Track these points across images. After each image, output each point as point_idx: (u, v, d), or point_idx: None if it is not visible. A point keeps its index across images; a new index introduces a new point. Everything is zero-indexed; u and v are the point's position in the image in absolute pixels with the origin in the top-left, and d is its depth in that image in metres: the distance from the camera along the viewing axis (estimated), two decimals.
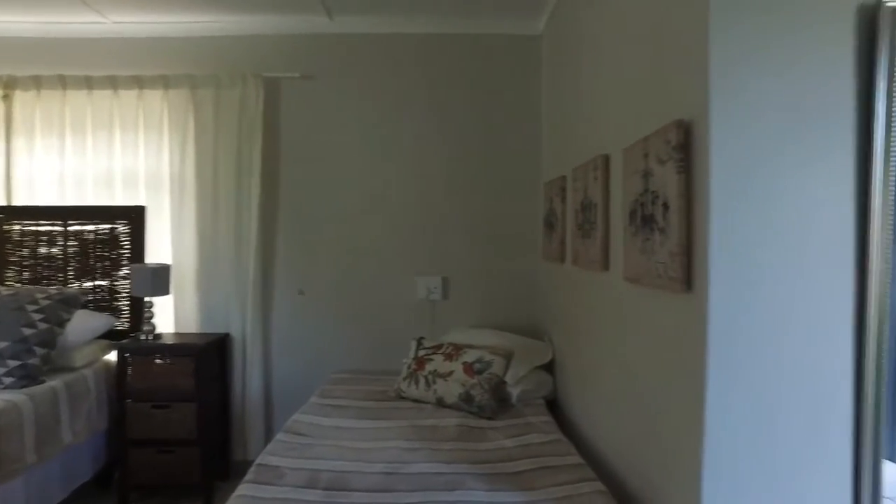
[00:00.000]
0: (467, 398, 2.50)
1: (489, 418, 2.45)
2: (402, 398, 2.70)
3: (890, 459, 1.63)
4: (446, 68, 3.37)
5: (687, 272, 1.39)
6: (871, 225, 1.33)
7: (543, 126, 3.34)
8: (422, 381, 2.66)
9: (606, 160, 2.07)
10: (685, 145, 1.40)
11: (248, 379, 3.26)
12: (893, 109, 1.33)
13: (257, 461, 1.98)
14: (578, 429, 2.45)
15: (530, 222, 3.37)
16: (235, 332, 3.26)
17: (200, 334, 3.22)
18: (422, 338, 2.92)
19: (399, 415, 2.47)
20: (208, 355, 3.04)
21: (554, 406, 2.80)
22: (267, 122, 3.28)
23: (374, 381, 2.96)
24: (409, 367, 2.77)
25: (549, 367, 2.91)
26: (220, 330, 3.26)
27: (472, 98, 3.37)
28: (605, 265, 2.06)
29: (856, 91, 1.35)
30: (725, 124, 1.32)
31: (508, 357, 2.66)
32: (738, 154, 1.32)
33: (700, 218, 1.36)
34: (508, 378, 2.65)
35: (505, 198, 3.37)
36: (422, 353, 2.80)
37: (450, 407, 2.55)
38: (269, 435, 3.18)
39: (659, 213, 1.51)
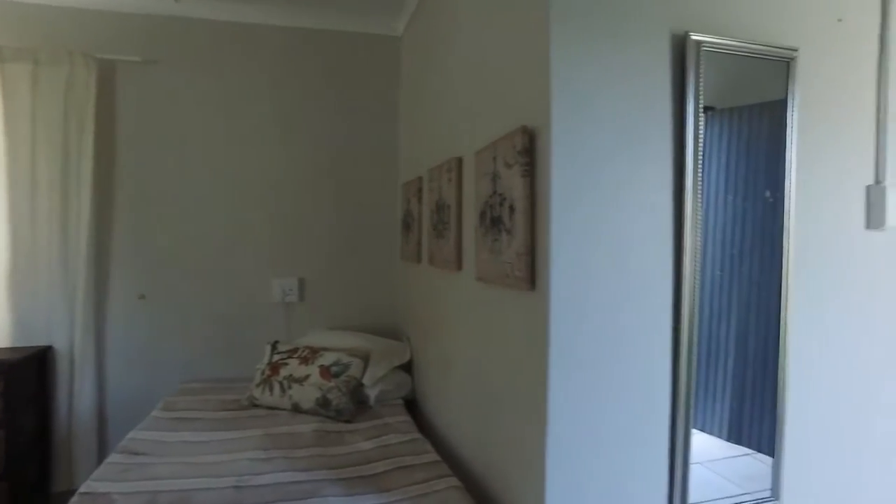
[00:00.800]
0: (324, 402, 2.45)
1: (347, 421, 2.41)
2: (256, 406, 2.57)
3: (700, 429, 1.87)
4: (303, 63, 3.26)
5: (531, 271, 1.47)
6: (685, 228, 1.50)
7: (402, 127, 3.36)
8: (276, 386, 2.55)
9: (460, 162, 2.13)
10: (530, 150, 1.48)
11: (76, 398, 2.88)
12: (700, 127, 1.52)
13: (80, 490, 1.77)
14: (436, 426, 2.50)
15: (388, 223, 3.38)
16: (60, 345, 2.88)
17: (13, 349, 2.80)
18: (277, 342, 2.80)
19: (252, 424, 2.35)
20: (22, 373, 2.65)
21: (413, 405, 2.83)
22: (102, 107, 2.94)
23: (225, 390, 2.79)
24: (262, 372, 2.64)
25: (408, 367, 2.94)
26: (40, 342, 2.87)
27: (330, 95, 3.30)
28: (459, 265, 2.12)
29: (672, 109, 1.52)
30: (566, 132, 1.42)
31: (366, 358, 2.64)
32: (577, 160, 1.43)
33: (542, 220, 1.44)
34: (366, 380, 2.63)
35: (363, 198, 3.35)
36: (276, 357, 2.68)
37: (306, 412, 2.47)
38: (103, 459, 2.85)
39: (506, 215, 1.58)
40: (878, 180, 1.80)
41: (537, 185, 1.47)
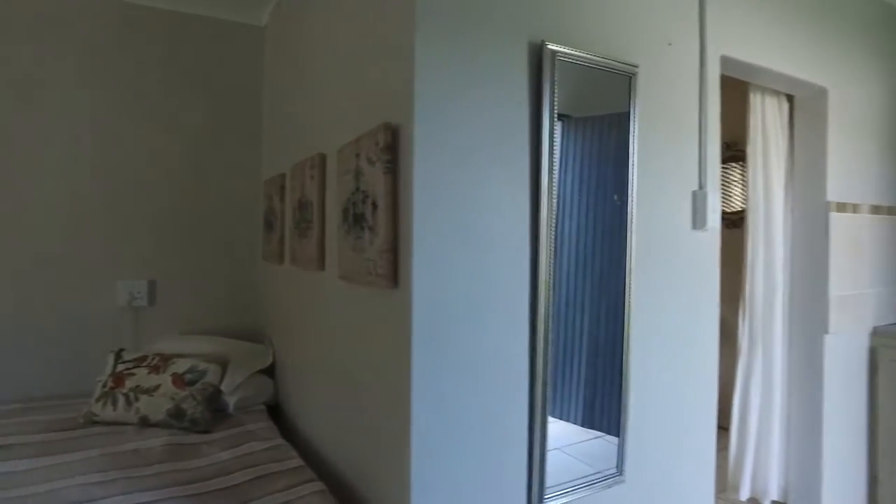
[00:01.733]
0: (177, 413, 2.26)
1: (204, 432, 2.25)
2: (96, 423, 2.31)
3: (558, 418, 1.99)
4: (155, 48, 3.00)
5: (394, 269, 1.47)
6: (541, 227, 1.58)
7: (265, 122, 3.22)
8: (121, 399, 2.32)
9: (323, 159, 2.08)
10: (392, 147, 1.48)
11: None
12: (555, 132, 1.62)
13: None
14: (301, 430, 2.42)
15: (250, 221, 3.22)
16: None
17: None
18: (122, 350, 2.55)
19: (90, 444, 2.10)
20: None
21: (276, 410, 2.72)
22: None
23: (58, 408, 2.47)
24: (104, 385, 2.38)
25: (271, 371, 2.82)
26: None
27: (186, 85, 3.06)
28: (321, 264, 2.07)
29: (530, 113, 1.60)
30: (429, 130, 1.43)
31: (225, 364, 2.49)
32: (439, 158, 1.44)
33: (405, 217, 1.44)
34: (225, 386, 2.48)
35: (223, 195, 3.15)
36: (121, 367, 2.44)
37: (156, 425, 2.27)
38: None
39: (369, 213, 1.57)
40: (701, 186, 2.03)
41: (400, 182, 1.48)
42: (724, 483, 2.78)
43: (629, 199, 1.80)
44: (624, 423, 1.84)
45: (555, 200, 1.62)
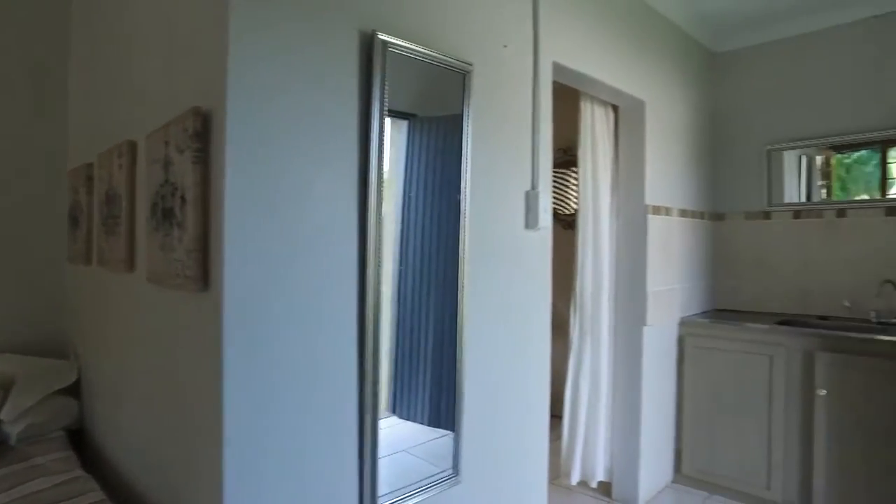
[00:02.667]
0: None
1: None
2: None
3: (406, 419, 1.93)
4: None
5: (203, 270, 1.31)
6: (369, 225, 1.51)
7: (71, 104, 2.79)
8: None
9: (133, 146, 1.82)
10: (202, 135, 1.32)
11: None
12: (385, 127, 1.55)
13: None
14: (108, 457, 2.11)
15: (51, 217, 2.77)
16: None
17: None
18: None
19: None
20: None
21: (81, 435, 2.35)
22: None
23: None
24: None
25: (76, 390, 2.44)
26: None
27: None
28: (131, 265, 1.82)
29: (360, 105, 1.52)
30: (244, 117, 1.29)
31: (7, 386, 2.09)
32: (258, 149, 1.31)
33: (216, 212, 1.29)
34: (5, 414, 2.08)
35: (16, 188, 2.67)
36: None
37: None
38: None
39: (178, 207, 1.38)
40: (534, 187, 2.10)
41: (211, 173, 1.32)
42: (558, 470, 2.93)
43: (463, 199, 1.80)
44: (459, 422, 1.83)
45: (382, 196, 1.54)
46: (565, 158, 3.98)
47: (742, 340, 2.93)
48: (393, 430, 1.90)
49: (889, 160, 3.02)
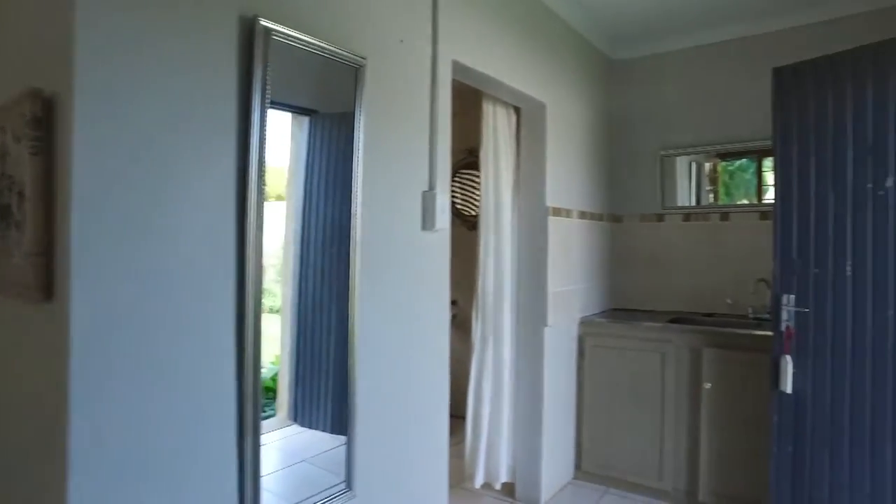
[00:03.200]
0: None
1: None
2: None
3: (309, 427, 1.81)
4: None
5: (46, 278, 1.14)
6: (248, 226, 1.39)
7: None
8: None
9: None
10: (44, 122, 1.15)
11: None
12: (266, 122, 1.43)
13: None
14: None
15: None
16: None
17: None
18: None
19: None
20: None
21: None
22: None
23: None
24: None
25: None
26: None
27: None
28: None
29: (238, 95, 1.40)
30: (97, 104, 1.14)
31: None
32: (113, 141, 1.16)
33: (62, 212, 1.13)
34: None
35: None
36: None
37: None
38: None
39: (15, 205, 1.21)
40: (431, 187, 2.05)
41: (56, 167, 1.15)
42: (462, 474, 2.91)
43: (353, 199, 1.71)
44: (351, 431, 1.75)
45: (263, 196, 1.43)
46: (471, 159, 3.98)
47: (637, 338, 3.05)
48: (294, 439, 1.83)
49: (764, 168, 3.26)
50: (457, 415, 2.23)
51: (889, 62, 2.03)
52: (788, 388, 2.24)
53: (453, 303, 4.15)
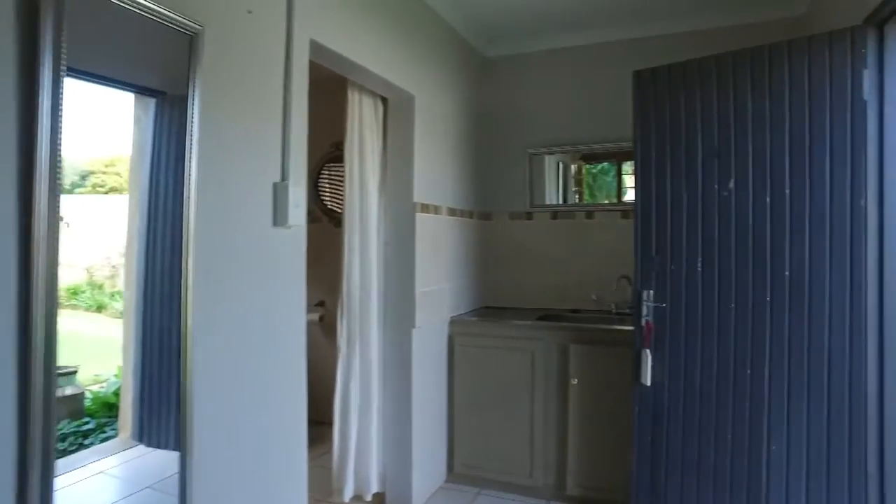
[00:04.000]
0: None
1: None
2: None
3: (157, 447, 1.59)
4: None
5: None
6: (35, 217, 1.11)
7: None
8: None
9: None
10: None
11: None
12: (60, 97, 1.16)
13: None
14: None
15: None
16: None
17: None
18: None
19: None
20: None
21: None
22: None
23: None
24: None
25: None
26: None
27: None
28: None
29: (18, 53, 1.11)
30: None
31: None
32: None
33: None
34: None
35: None
36: None
37: None
38: None
39: None
40: (284, 178, 1.84)
41: None
42: (330, 487, 2.71)
43: (185, 189, 1.47)
44: (186, 451, 1.51)
45: (57, 186, 1.16)
46: (339, 153, 3.77)
47: (506, 337, 3.03)
48: (137, 462, 1.62)
49: (624, 172, 3.41)
50: (326, 422, 2.04)
51: (729, 72, 2.15)
52: (648, 381, 2.31)
53: (321, 304, 3.94)
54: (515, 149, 3.58)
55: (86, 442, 1.57)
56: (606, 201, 3.47)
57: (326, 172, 4.05)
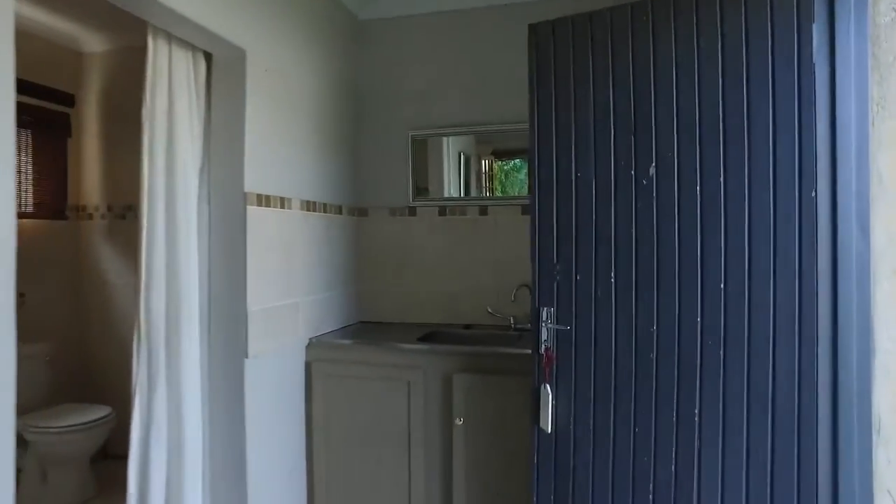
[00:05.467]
0: None
1: None
2: None
3: None
4: None
5: None
6: None
7: None
8: None
9: None
10: None
11: None
12: None
13: None
14: None
15: None
16: None
17: None
18: None
19: None
20: None
21: None
22: None
23: None
24: None
25: None
26: None
27: None
28: None
29: None
30: None
31: None
32: None
33: None
34: None
35: None
36: None
37: None
38: None
39: None
40: None
41: None
42: None
43: None
44: None
45: None
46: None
47: (376, 364, 2.41)
48: None
49: None
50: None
51: (648, 28, 1.65)
52: (549, 426, 1.77)
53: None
54: (395, 130, 2.95)
55: None
56: (501, 195, 2.92)
57: None
